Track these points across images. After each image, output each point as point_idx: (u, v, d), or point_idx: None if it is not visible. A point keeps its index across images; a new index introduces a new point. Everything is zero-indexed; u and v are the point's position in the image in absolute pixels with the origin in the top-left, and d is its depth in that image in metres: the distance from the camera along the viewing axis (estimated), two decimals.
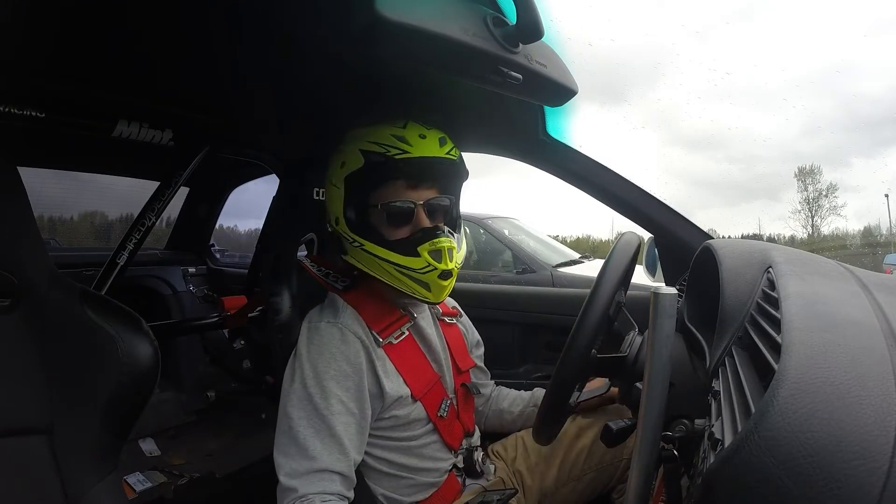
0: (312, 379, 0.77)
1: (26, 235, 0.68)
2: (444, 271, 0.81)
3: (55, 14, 0.63)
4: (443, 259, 0.81)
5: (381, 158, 0.81)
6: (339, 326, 0.81)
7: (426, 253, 0.80)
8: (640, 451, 0.49)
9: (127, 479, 1.51)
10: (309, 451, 0.73)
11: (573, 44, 0.95)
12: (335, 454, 0.74)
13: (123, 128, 1.01)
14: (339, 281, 0.91)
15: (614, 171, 1.14)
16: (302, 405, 0.76)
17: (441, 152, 0.83)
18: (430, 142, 0.82)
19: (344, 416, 0.76)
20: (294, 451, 0.74)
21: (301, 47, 0.75)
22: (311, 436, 0.74)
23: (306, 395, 0.76)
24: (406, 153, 0.80)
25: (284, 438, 0.75)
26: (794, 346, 0.38)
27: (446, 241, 0.81)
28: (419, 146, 0.81)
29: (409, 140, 0.81)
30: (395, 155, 0.80)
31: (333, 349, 0.79)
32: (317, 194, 1.04)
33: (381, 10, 0.54)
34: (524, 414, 1.02)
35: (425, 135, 0.83)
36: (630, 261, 0.69)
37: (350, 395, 0.77)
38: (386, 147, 0.81)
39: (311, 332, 0.81)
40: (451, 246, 0.82)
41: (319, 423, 0.74)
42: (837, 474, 0.30)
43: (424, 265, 0.80)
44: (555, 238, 4.76)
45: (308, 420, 0.75)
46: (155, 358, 0.69)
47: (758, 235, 18.91)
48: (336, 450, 0.74)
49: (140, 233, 1.31)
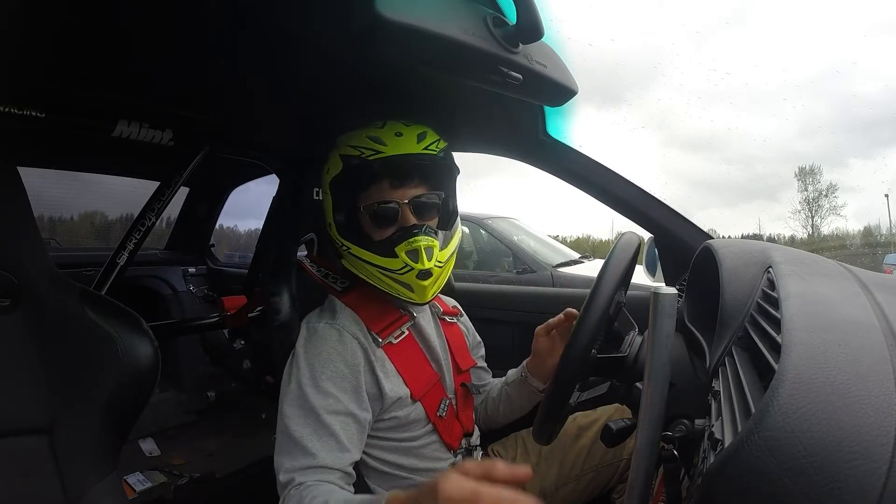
0: (309, 379, 0.77)
1: (26, 235, 0.68)
2: (422, 271, 0.79)
3: (55, 14, 0.63)
4: (419, 258, 0.79)
5: (357, 161, 0.81)
6: (336, 328, 0.81)
7: (403, 253, 0.79)
8: (640, 451, 0.49)
9: (127, 479, 1.51)
10: (308, 449, 0.73)
11: (573, 44, 0.95)
12: (334, 452, 0.74)
13: (123, 128, 1.01)
14: (339, 282, 0.91)
15: (614, 171, 1.14)
16: (299, 405, 0.76)
17: (418, 148, 0.81)
18: (406, 139, 0.81)
19: (342, 415, 0.76)
20: (293, 450, 0.73)
21: (301, 47, 0.75)
22: (309, 434, 0.74)
23: (303, 395, 0.76)
24: (379, 153, 0.80)
25: (283, 438, 0.75)
26: (794, 346, 0.38)
27: (424, 239, 0.79)
28: (394, 144, 0.80)
29: (384, 139, 0.81)
30: (370, 156, 0.80)
31: (331, 350, 0.79)
32: (317, 194, 1.04)
33: (381, 10, 0.54)
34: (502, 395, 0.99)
35: (402, 132, 0.82)
36: (630, 261, 0.68)
37: (348, 395, 0.77)
38: (360, 149, 0.81)
39: (310, 333, 0.81)
40: (429, 244, 0.80)
41: (316, 423, 0.74)
42: (837, 474, 0.30)
43: (402, 266, 0.79)
44: (555, 238, 4.77)
45: (305, 419, 0.75)
46: (155, 358, 0.69)
47: (758, 235, 18.93)
48: (335, 448, 0.74)
49: (140, 233, 1.31)
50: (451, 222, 0.88)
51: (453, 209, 0.89)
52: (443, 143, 0.86)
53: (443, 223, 0.87)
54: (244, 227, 3.23)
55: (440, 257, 0.81)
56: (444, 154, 0.86)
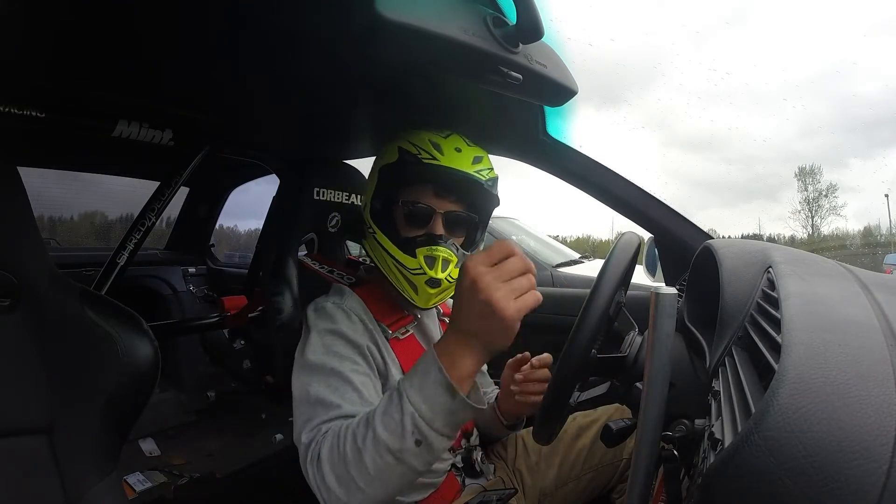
0: (321, 348, 0.76)
1: (26, 235, 0.68)
2: (433, 279, 0.81)
3: (55, 14, 0.63)
4: (435, 267, 0.81)
5: (412, 159, 0.83)
6: (343, 308, 0.82)
7: (421, 256, 0.81)
8: (640, 451, 0.49)
9: (127, 479, 1.51)
10: (331, 403, 0.69)
11: (573, 44, 0.95)
12: (356, 404, 0.70)
13: (123, 128, 1.01)
14: (345, 278, 0.93)
15: (614, 171, 1.14)
16: (316, 369, 0.74)
17: (471, 169, 0.83)
18: (463, 156, 0.83)
19: (360, 374, 0.74)
20: (314, 410, 0.70)
21: (301, 47, 0.75)
22: (329, 392, 0.71)
23: (318, 361, 0.74)
24: (435, 160, 0.82)
25: (302, 405, 0.72)
26: (794, 346, 0.38)
27: (444, 251, 0.81)
28: (450, 157, 0.83)
29: (444, 149, 0.83)
30: (425, 159, 0.82)
31: (340, 325, 0.79)
32: (317, 194, 1.04)
33: (381, 10, 0.54)
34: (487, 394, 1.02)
35: (461, 149, 0.84)
36: (630, 261, 0.68)
37: (360, 361, 0.76)
38: (419, 149, 0.83)
39: (318, 312, 0.82)
40: (447, 257, 0.82)
41: (336, 380, 0.72)
42: (837, 474, 0.30)
43: (416, 267, 0.81)
44: (555, 238, 4.76)
45: (324, 379, 0.72)
46: (155, 358, 0.69)
47: (758, 235, 18.92)
48: (357, 399, 0.71)
49: (140, 233, 1.31)
50: (474, 246, 0.90)
51: (480, 236, 0.91)
52: (493, 174, 0.88)
53: (467, 244, 0.89)
54: (244, 227, 3.23)
55: (453, 273, 0.83)
56: (492, 184, 0.87)
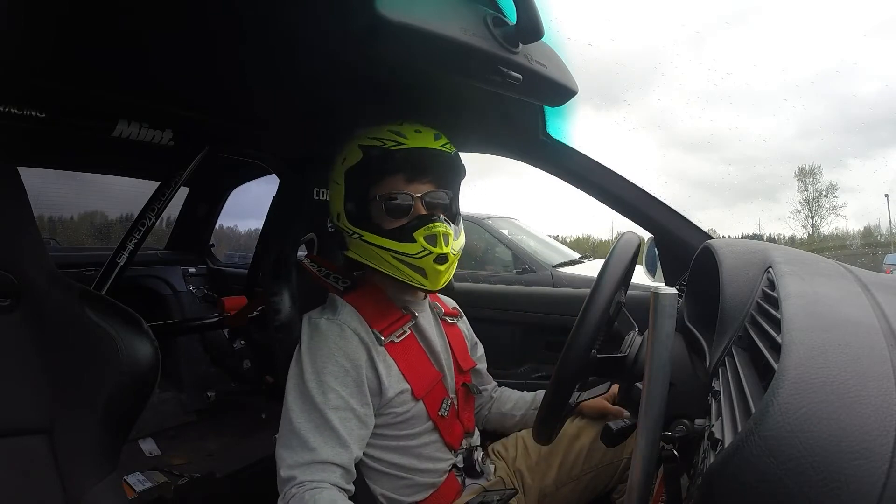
0: (312, 374, 0.77)
1: (26, 235, 0.68)
2: (440, 255, 0.81)
3: (55, 14, 0.63)
4: (438, 243, 0.81)
5: (379, 151, 0.83)
6: (338, 323, 0.82)
7: (422, 238, 0.81)
8: (640, 451, 0.49)
9: (127, 479, 1.50)
10: (309, 444, 0.74)
11: (573, 44, 0.96)
12: (335, 447, 0.74)
13: (123, 128, 1.01)
14: (340, 281, 0.92)
15: (614, 171, 1.14)
16: (302, 399, 0.77)
17: (436, 145, 0.85)
18: (425, 135, 0.85)
19: (342, 410, 0.76)
20: (295, 444, 0.74)
21: (301, 47, 0.75)
22: (311, 430, 0.75)
23: (306, 389, 0.77)
24: (402, 144, 0.83)
25: (286, 430, 0.76)
26: (794, 345, 0.38)
27: (442, 226, 0.82)
28: (415, 138, 0.84)
29: (406, 133, 0.84)
30: (392, 147, 0.83)
31: (332, 345, 0.79)
32: (317, 194, 1.04)
33: (381, 10, 0.54)
34: (526, 417, 1.02)
35: (420, 130, 0.86)
36: (630, 261, 0.69)
37: (349, 390, 0.78)
38: (382, 140, 0.84)
39: (312, 329, 0.82)
40: (446, 231, 0.83)
41: (318, 418, 0.75)
42: (837, 474, 0.30)
43: (420, 250, 0.81)
44: (555, 238, 4.76)
45: (307, 414, 0.76)
46: (155, 358, 0.69)
47: (758, 235, 18.91)
48: (335, 443, 0.75)
49: (140, 233, 1.31)
50: (455, 220, 0.90)
51: (457, 209, 0.92)
52: (453, 147, 0.89)
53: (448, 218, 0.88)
54: (244, 227, 3.23)
55: (455, 246, 0.85)
56: (456, 155, 0.89)
